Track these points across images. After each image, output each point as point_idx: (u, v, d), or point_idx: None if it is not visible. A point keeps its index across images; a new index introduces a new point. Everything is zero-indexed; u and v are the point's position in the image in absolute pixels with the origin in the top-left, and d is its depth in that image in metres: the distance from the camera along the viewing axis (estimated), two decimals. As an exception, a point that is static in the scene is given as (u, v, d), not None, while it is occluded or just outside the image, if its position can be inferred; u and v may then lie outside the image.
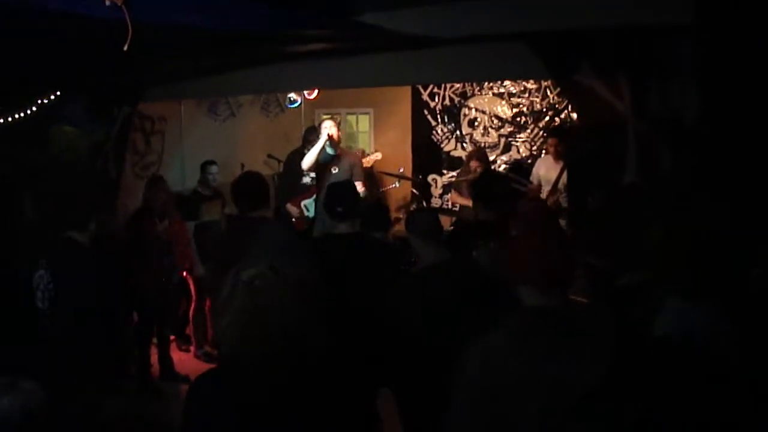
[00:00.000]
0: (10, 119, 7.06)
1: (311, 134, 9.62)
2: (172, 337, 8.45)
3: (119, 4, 3.97)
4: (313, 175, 9.41)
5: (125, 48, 4.10)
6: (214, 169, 9.06)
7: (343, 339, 2.70)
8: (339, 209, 5.30)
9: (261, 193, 6.10)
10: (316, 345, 2.51)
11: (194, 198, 8.90)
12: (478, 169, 9.08)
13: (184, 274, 8.54)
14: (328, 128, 8.55)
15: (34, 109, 7.30)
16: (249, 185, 6.13)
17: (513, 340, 2.79)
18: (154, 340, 7.94)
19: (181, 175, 11.08)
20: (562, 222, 8.10)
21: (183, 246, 8.28)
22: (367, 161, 10.36)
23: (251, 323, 2.44)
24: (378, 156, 10.70)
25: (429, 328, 4.27)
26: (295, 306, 2.47)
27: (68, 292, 5.63)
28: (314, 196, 9.25)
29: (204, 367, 5.13)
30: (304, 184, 9.57)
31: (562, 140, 8.73)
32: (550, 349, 2.67)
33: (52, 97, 7.41)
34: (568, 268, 2.97)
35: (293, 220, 9.26)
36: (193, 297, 8.50)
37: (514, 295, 2.97)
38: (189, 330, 8.80)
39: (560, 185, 8.35)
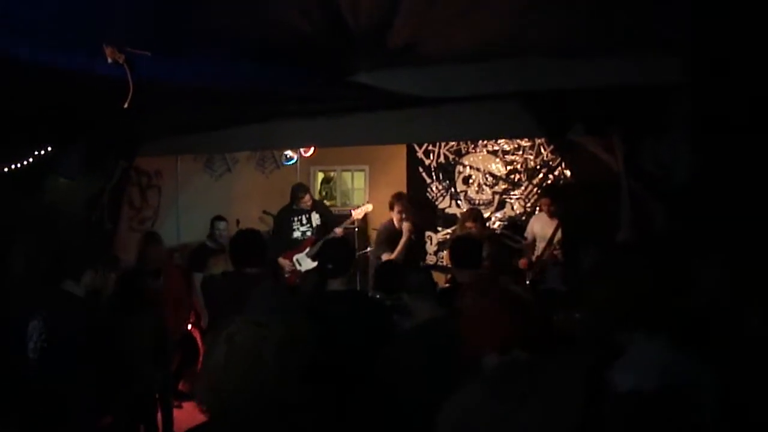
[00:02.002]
0: (6, 169, 7.08)
1: (299, 191, 9.74)
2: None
3: (121, 62, 4.04)
4: (303, 229, 9.52)
5: (125, 105, 4.15)
6: (222, 224, 9.39)
7: (330, 395, 2.71)
8: (330, 266, 5.33)
9: (256, 249, 6.12)
10: (297, 400, 2.52)
11: (202, 251, 9.04)
12: (474, 230, 9.13)
13: (189, 327, 8.55)
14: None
15: (30, 159, 7.32)
16: (244, 242, 6.17)
17: (483, 395, 2.82)
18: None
19: (176, 230, 11.11)
20: (557, 278, 8.16)
21: (182, 300, 8.28)
22: (358, 213, 10.42)
23: (228, 377, 2.46)
24: (369, 207, 10.74)
25: (422, 385, 4.27)
26: (276, 362, 2.49)
27: (61, 344, 5.60)
28: (306, 251, 9.35)
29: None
30: (296, 239, 9.64)
31: (554, 199, 8.77)
32: (517, 402, 2.70)
33: (50, 148, 7.45)
34: (526, 330, 3.00)
35: (286, 274, 9.29)
36: (200, 350, 8.47)
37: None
38: (182, 385, 8.75)
39: (555, 241, 8.38)
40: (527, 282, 8.37)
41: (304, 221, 9.78)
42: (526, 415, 2.67)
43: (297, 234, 9.69)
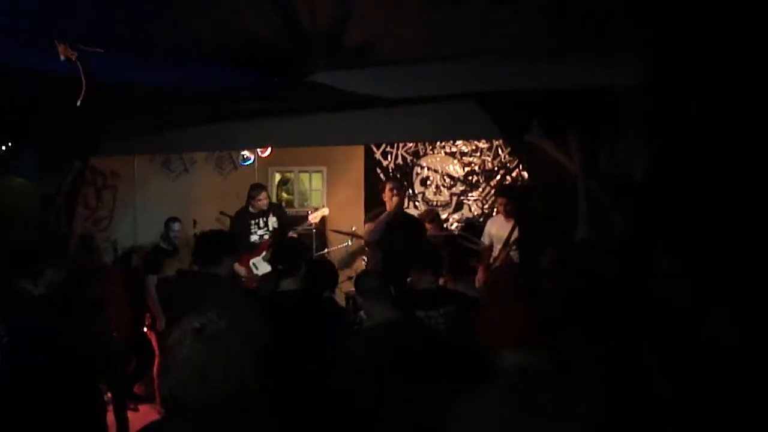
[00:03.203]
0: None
1: (255, 190, 9.68)
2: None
3: (73, 60, 3.99)
4: (260, 232, 9.47)
5: (78, 103, 4.10)
6: (176, 225, 9.33)
7: (286, 393, 2.70)
8: (280, 266, 5.34)
9: (217, 250, 6.07)
10: (258, 393, 2.51)
11: (156, 253, 8.97)
12: (431, 230, 9.14)
13: (145, 329, 8.48)
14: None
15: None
16: (205, 242, 6.13)
17: (494, 403, 2.80)
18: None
19: (132, 231, 11.03)
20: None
21: (123, 303, 8.16)
22: (314, 217, 10.39)
23: (199, 368, 2.43)
24: (325, 211, 10.72)
25: (372, 386, 4.27)
26: (240, 354, 2.48)
27: (22, 345, 5.51)
28: (262, 254, 9.29)
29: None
30: (253, 243, 9.57)
31: (510, 199, 8.79)
32: (533, 408, 2.69)
33: (3, 148, 7.35)
34: (546, 327, 2.99)
35: (242, 279, 9.20)
36: (156, 352, 8.40)
37: (469, 356, 2.99)
38: (138, 388, 8.69)
39: (511, 242, 8.39)
40: (485, 283, 8.39)
41: (261, 224, 9.70)
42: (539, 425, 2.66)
43: (254, 237, 9.61)
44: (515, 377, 2.86)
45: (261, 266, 9.37)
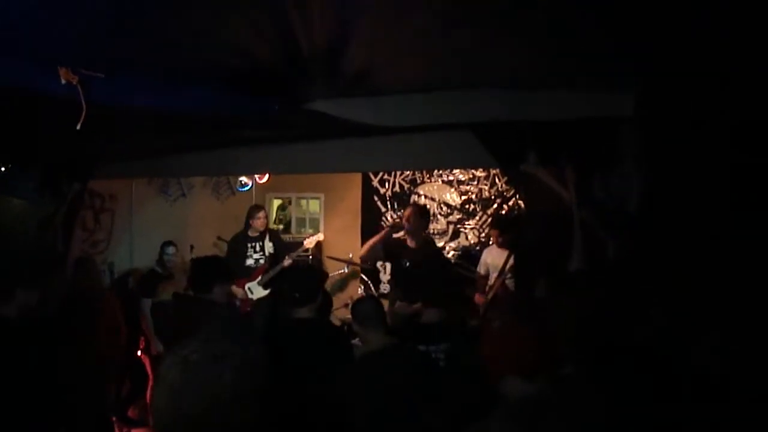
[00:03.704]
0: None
1: (254, 210, 9.77)
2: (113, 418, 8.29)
3: (74, 83, 4.02)
4: (256, 256, 9.52)
5: (78, 126, 4.13)
6: (171, 249, 9.38)
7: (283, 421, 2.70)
8: (297, 294, 5.29)
9: (213, 275, 6.08)
10: (248, 424, 2.51)
11: (151, 276, 8.99)
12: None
13: (139, 353, 8.48)
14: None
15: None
16: (202, 268, 6.15)
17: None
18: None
19: (129, 254, 11.05)
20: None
21: (116, 327, 8.15)
22: (309, 242, 10.43)
23: (182, 397, 2.44)
24: (320, 237, 10.76)
25: (367, 412, 4.28)
26: (228, 383, 2.48)
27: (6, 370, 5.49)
28: (258, 279, 9.33)
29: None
30: (248, 267, 9.62)
31: (503, 231, 8.84)
32: None
33: (2, 168, 7.38)
34: (549, 353, 3.00)
35: (237, 302, 9.23)
36: (150, 376, 8.39)
37: (464, 385, 3.00)
38: (132, 412, 8.68)
39: (506, 271, 8.42)
40: (481, 313, 8.40)
41: (258, 248, 9.76)
42: None
43: (250, 261, 9.67)
44: (517, 406, 2.86)
45: (256, 291, 9.42)
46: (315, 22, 4.05)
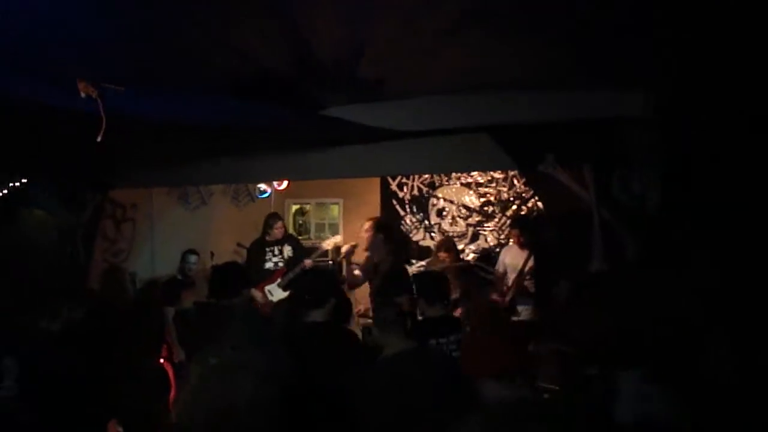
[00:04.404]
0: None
1: (272, 219, 9.79)
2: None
3: (94, 97, 4.06)
4: (275, 260, 9.54)
5: (99, 139, 4.17)
6: (193, 258, 9.38)
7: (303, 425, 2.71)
8: (307, 297, 5.30)
9: (233, 282, 6.11)
10: (268, 428, 2.53)
11: (173, 285, 9.01)
12: (447, 260, 9.15)
13: (162, 361, 8.50)
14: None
15: (4, 191, 7.30)
16: (222, 274, 6.17)
17: None
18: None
19: (150, 263, 11.09)
20: (529, 308, 8.19)
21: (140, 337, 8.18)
22: (327, 243, 10.41)
23: (201, 403, 2.46)
24: (338, 239, 10.73)
25: (389, 417, 4.28)
26: (246, 390, 2.50)
27: (37, 382, 5.53)
28: (277, 281, 9.36)
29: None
30: (268, 270, 9.64)
31: (523, 230, 8.81)
32: None
33: (24, 180, 7.43)
34: (526, 359, 3.01)
35: (258, 305, 9.25)
36: (172, 384, 8.41)
37: (474, 388, 3.00)
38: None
39: (525, 272, 8.40)
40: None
41: (276, 252, 9.78)
42: None
43: (269, 265, 9.69)
44: (497, 409, 2.87)
45: (276, 293, 9.44)
46: (330, 29, 4.07)
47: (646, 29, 4.20)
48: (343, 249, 8.85)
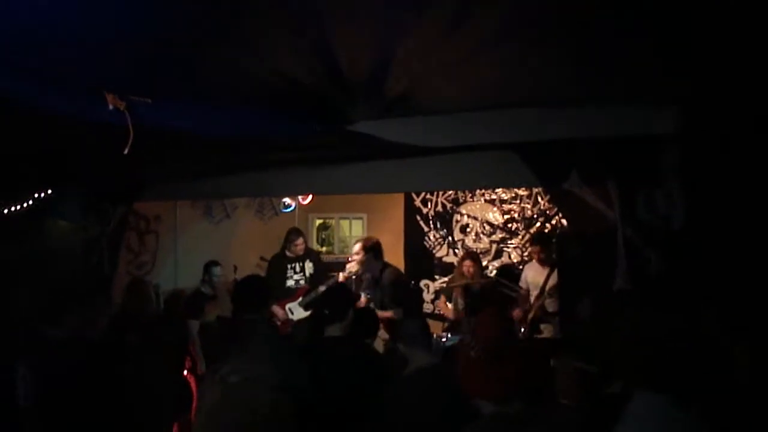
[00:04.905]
0: (5, 211, 7.09)
1: (293, 234, 9.79)
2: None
3: (121, 109, 4.08)
4: (297, 277, 9.53)
5: (126, 151, 4.19)
6: (217, 270, 9.39)
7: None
8: (326, 311, 5.31)
9: (257, 295, 6.11)
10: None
11: (197, 297, 9.04)
12: (471, 269, 9.16)
13: (185, 373, 8.52)
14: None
15: (30, 202, 7.35)
16: (245, 288, 6.18)
17: None
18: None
19: (173, 275, 11.14)
20: (550, 327, 8.17)
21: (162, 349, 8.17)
22: (351, 266, 10.38)
23: (220, 416, 2.47)
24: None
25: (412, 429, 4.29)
26: (265, 404, 2.51)
27: (49, 392, 5.55)
28: (299, 300, 9.33)
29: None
30: (289, 288, 9.63)
31: (544, 247, 8.80)
32: None
33: (50, 191, 7.49)
34: (524, 380, 2.99)
35: (278, 323, 9.23)
36: (194, 397, 8.42)
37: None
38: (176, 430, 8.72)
39: (547, 289, 8.38)
40: (522, 330, 8.37)
41: (298, 269, 9.77)
42: None
43: (291, 282, 9.69)
44: (486, 423, 2.87)
45: (297, 311, 9.40)
46: (359, 44, 4.08)
47: (670, 46, 4.19)
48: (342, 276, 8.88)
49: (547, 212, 10.99)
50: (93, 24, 3.55)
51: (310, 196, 11.32)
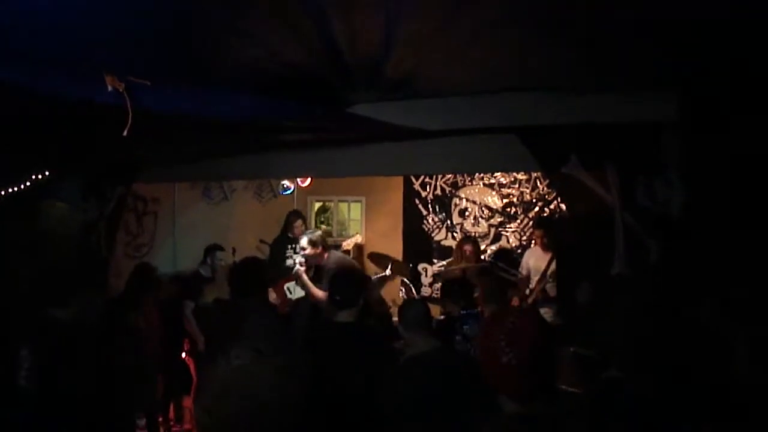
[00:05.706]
0: (2, 193, 7.08)
1: (293, 217, 9.79)
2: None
3: (120, 90, 4.07)
4: (297, 258, 9.52)
5: (125, 133, 4.18)
6: (221, 254, 9.50)
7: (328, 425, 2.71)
8: (337, 297, 5.31)
9: (255, 278, 6.11)
10: (290, 427, 2.52)
11: (196, 280, 9.06)
12: (470, 253, 9.16)
13: (183, 355, 8.52)
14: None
15: (27, 184, 7.33)
16: (243, 271, 6.17)
17: None
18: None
19: (172, 257, 11.13)
20: (550, 311, 8.16)
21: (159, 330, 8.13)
22: (347, 243, 10.41)
23: (225, 399, 2.46)
24: (358, 238, 10.72)
25: (412, 416, 4.29)
26: (274, 388, 2.50)
27: (50, 373, 5.55)
28: (299, 279, 9.37)
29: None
30: (288, 267, 9.63)
31: (548, 231, 8.80)
32: None
33: (47, 173, 7.46)
34: (550, 380, 2.96)
35: (276, 302, 9.22)
36: (193, 377, 8.43)
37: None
38: (173, 413, 8.73)
39: (548, 275, 8.38)
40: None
41: (298, 249, 9.78)
42: None
43: (290, 262, 9.68)
44: (510, 423, 2.85)
45: (295, 291, 9.40)
46: (358, 28, 4.07)
47: (671, 36, 4.18)
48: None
49: (546, 197, 10.97)
50: (92, 6, 3.53)
51: (309, 179, 11.29)
